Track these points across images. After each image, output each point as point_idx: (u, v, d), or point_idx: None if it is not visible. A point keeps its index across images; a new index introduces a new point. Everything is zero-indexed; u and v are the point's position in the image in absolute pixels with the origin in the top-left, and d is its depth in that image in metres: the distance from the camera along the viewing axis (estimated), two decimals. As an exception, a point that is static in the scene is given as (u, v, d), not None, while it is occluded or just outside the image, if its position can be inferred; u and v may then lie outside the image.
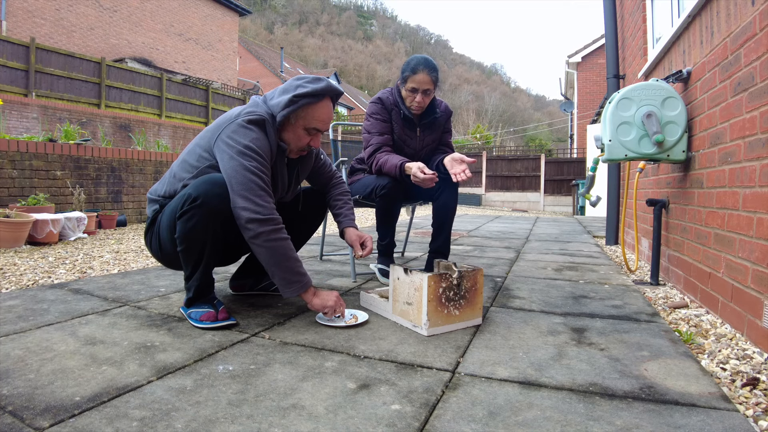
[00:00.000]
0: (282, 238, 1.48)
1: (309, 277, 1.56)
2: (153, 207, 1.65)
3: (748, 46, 1.61)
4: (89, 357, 1.25)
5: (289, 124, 1.60)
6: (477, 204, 15.72)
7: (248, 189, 1.44)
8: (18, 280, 2.26)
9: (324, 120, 1.63)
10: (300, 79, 1.61)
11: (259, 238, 1.45)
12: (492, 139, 29.30)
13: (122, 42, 14.55)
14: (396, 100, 2.30)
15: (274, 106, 1.59)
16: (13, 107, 8.62)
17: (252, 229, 1.44)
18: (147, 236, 1.68)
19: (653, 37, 3.35)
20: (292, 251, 1.51)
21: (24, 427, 0.89)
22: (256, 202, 1.44)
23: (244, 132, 1.51)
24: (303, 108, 1.58)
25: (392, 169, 2.15)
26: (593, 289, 2.22)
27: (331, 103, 1.64)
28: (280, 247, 1.47)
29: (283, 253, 1.48)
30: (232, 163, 1.47)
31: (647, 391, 1.11)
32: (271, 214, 1.46)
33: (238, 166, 1.46)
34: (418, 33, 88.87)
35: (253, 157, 1.48)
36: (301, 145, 1.65)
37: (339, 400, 1.04)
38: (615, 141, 2.25)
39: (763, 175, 1.49)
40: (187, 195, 1.46)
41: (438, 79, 2.21)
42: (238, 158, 1.47)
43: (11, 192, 3.95)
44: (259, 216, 1.43)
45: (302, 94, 1.56)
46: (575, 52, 16.74)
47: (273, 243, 1.46)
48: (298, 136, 1.62)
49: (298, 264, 1.52)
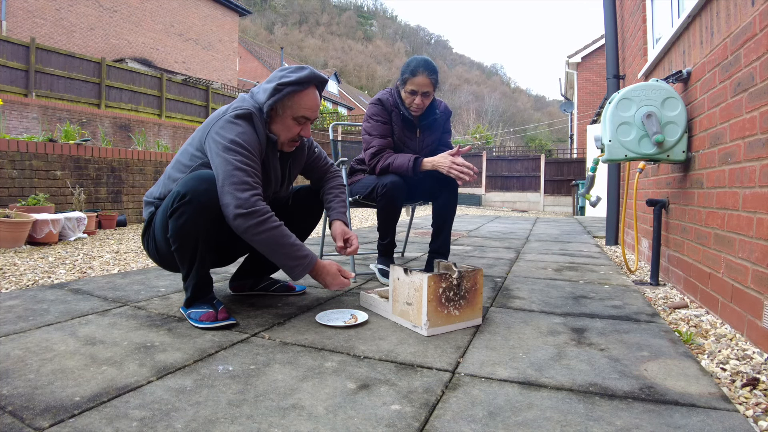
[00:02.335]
0: (270, 228, 1.47)
1: (311, 256, 1.57)
2: (149, 210, 1.66)
3: (748, 46, 1.61)
4: (89, 357, 1.25)
5: (277, 115, 1.61)
6: (477, 204, 15.72)
7: (231, 183, 1.45)
8: (18, 280, 2.26)
9: (311, 107, 1.63)
10: (283, 70, 1.62)
11: (248, 233, 1.45)
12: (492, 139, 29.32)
13: (122, 42, 14.55)
14: (396, 101, 2.30)
15: (260, 98, 1.60)
16: (13, 107, 8.62)
17: (239, 225, 1.44)
18: (144, 239, 1.69)
19: (653, 37, 3.35)
20: (286, 237, 1.51)
21: (24, 427, 0.89)
22: (238, 196, 1.44)
23: (230, 127, 1.52)
24: (289, 97, 1.58)
25: (404, 163, 2.17)
26: (593, 290, 2.22)
27: (316, 91, 1.65)
28: (271, 237, 1.48)
29: (276, 242, 1.49)
30: (218, 160, 1.48)
31: (647, 392, 1.11)
32: (255, 206, 1.45)
33: (223, 162, 1.47)
34: (418, 33, 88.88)
35: (237, 151, 1.48)
36: (291, 135, 1.65)
37: (339, 400, 1.04)
38: (615, 141, 2.25)
39: (763, 176, 1.49)
40: (176, 193, 1.47)
41: (437, 81, 2.22)
42: (223, 154, 1.48)
43: (11, 192, 3.95)
44: (242, 210, 1.43)
45: (286, 82, 1.56)
46: (575, 53, 16.75)
47: (262, 235, 1.46)
48: (287, 127, 1.63)
49: (296, 248, 1.53)
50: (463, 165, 2.04)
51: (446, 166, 2.08)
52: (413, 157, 2.18)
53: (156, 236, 1.60)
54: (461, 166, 2.04)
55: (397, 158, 2.21)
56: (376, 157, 2.28)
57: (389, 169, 2.23)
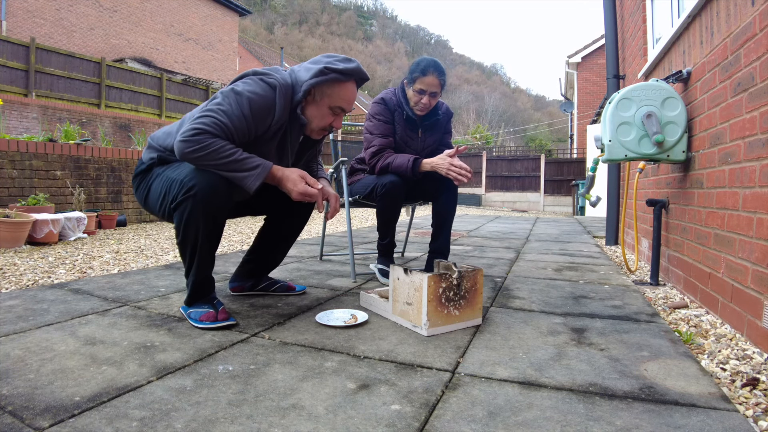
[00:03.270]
0: (211, 152, 1.39)
1: (264, 164, 1.47)
2: (151, 155, 1.62)
3: (748, 46, 1.61)
4: (89, 357, 1.25)
5: (313, 100, 1.59)
6: (477, 204, 15.72)
7: (205, 116, 1.41)
8: (18, 280, 2.26)
9: (349, 100, 1.62)
10: (330, 57, 1.61)
11: (188, 157, 1.41)
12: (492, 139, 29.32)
13: (122, 42, 14.55)
14: (399, 100, 2.30)
15: (301, 75, 1.57)
16: (13, 107, 8.62)
17: (180, 148, 1.39)
18: (136, 181, 1.64)
19: (653, 37, 3.35)
20: (232, 154, 1.42)
21: (24, 427, 0.89)
22: (185, 128, 1.40)
23: (249, 84, 1.49)
24: (330, 84, 1.57)
25: (403, 163, 2.18)
26: (593, 290, 2.22)
27: (356, 86, 1.64)
28: (214, 156, 1.40)
29: (220, 160, 1.41)
30: (219, 98, 1.47)
31: (647, 392, 1.11)
32: (193, 135, 1.38)
33: (216, 101, 1.45)
34: (418, 33, 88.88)
35: (237, 102, 1.45)
36: (323, 123, 1.63)
37: (339, 400, 1.04)
38: (615, 141, 2.25)
39: (763, 176, 1.49)
40: (182, 182, 1.44)
41: (445, 83, 2.26)
42: (222, 96, 1.46)
43: (11, 192, 3.95)
44: (180, 138, 1.39)
45: (333, 69, 1.55)
46: (575, 53, 16.75)
47: (203, 161, 1.41)
48: (322, 114, 1.61)
49: (245, 161, 1.44)
50: (460, 167, 2.07)
51: (444, 168, 2.10)
52: (413, 157, 2.18)
53: (150, 190, 1.58)
54: (458, 168, 2.07)
55: (396, 158, 2.22)
56: (376, 156, 2.28)
57: (389, 168, 2.23)
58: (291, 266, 2.69)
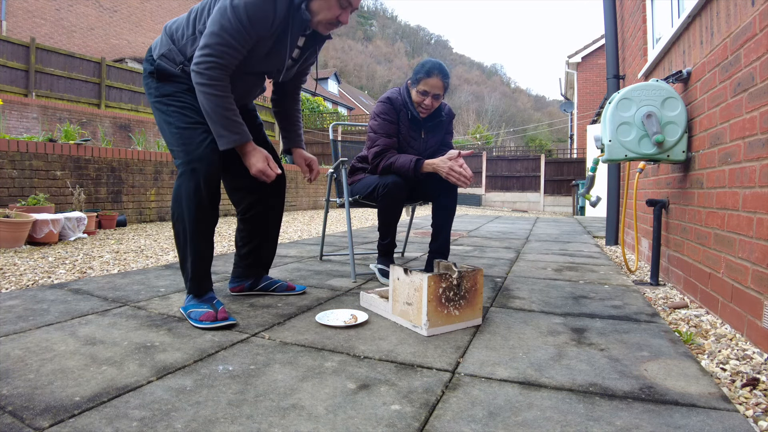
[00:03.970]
0: (217, 95, 1.49)
1: (244, 136, 1.57)
2: (148, 68, 1.65)
3: (748, 46, 1.61)
4: (89, 357, 1.25)
5: None
6: (477, 204, 15.72)
7: (211, 44, 1.47)
8: (18, 280, 2.26)
9: None
10: None
11: (197, 88, 1.50)
12: (492, 139, 29.31)
13: (122, 42, 14.56)
14: (405, 100, 2.31)
15: None
16: (13, 107, 8.62)
17: (193, 78, 1.49)
18: (146, 82, 1.68)
19: (653, 37, 3.35)
20: (230, 111, 1.53)
21: (24, 427, 0.89)
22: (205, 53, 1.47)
23: None
24: None
25: (406, 163, 2.20)
26: (593, 290, 2.22)
27: None
28: (214, 101, 1.50)
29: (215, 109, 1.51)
30: (216, 16, 1.48)
31: (647, 392, 1.11)
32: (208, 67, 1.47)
33: (217, 22, 1.47)
34: (418, 33, 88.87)
35: (236, 18, 1.47)
36: (330, 16, 1.58)
37: (339, 400, 1.04)
38: (615, 141, 2.26)
39: (763, 176, 1.49)
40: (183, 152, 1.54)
41: (449, 85, 2.27)
42: (221, 13, 1.48)
43: (11, 192, 3.95)
44: (196, 67, 1.48)
45: None
46: (575, 53, 16.75)
47: (208, 97, 1.50)
48: (329, 5, 1.57)
49: (232, 123, 1.54)
50: (460, 174, 2.09)
51: (444, 171, 2.12)
52: (415, 158, 2.19)
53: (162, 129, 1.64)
54: (458, 174, 2.09)
55: (399, 159, 2.22)
56: (379, 156, 2.29)
57: (391, 169, 2.24)
58: (291, 266, 2.69)
